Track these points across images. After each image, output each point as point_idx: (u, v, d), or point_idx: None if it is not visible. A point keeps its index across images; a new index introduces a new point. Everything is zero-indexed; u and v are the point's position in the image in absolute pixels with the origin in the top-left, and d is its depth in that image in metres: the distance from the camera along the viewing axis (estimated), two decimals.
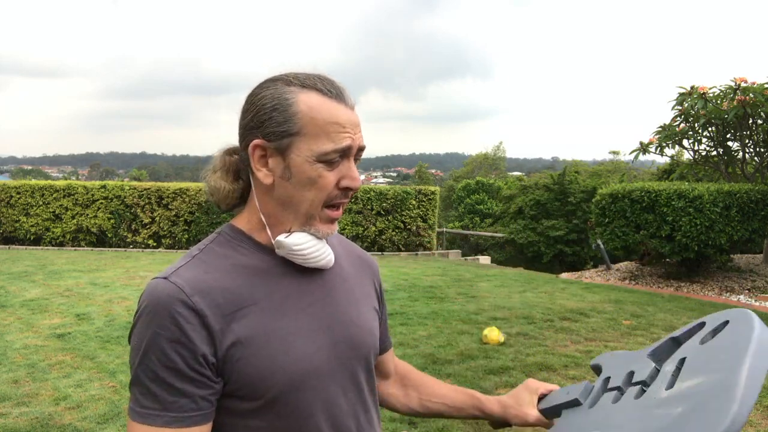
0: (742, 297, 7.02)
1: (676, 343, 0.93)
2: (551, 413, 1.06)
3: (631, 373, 0.94)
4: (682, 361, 0.85)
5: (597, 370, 1.06)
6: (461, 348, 4.72)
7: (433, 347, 4.75)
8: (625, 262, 9.61)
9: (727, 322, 0.85)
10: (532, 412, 1.10)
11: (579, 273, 9.50)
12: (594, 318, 5.73)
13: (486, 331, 4.96)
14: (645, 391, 0.86)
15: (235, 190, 0.97)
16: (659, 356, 0.94)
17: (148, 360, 0.82)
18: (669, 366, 0.87)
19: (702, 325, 0.90)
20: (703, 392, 0.74)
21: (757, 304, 6.67)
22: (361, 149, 0.93)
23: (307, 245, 0.91)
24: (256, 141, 0.90)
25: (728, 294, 7.17)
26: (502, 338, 4.90)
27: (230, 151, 0.98)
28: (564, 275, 9.25)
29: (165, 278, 0.85)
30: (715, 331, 0.86)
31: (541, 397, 1.12)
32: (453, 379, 4.01)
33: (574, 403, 1.01)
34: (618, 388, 0.93)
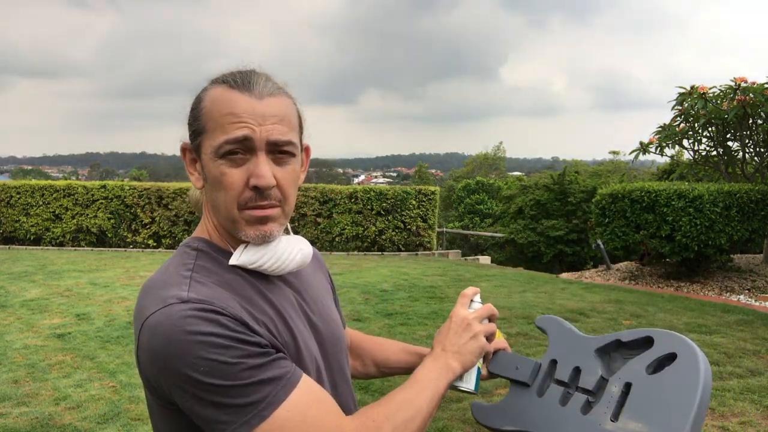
0: (742, 297, 7.01)
1: (622, 347, 0.94)
2: (497, 376, 1.08)
3: (578, 370, 0.95)
4: (628, 386, 0.86)
5: (542, 331, 1.09)
6: None
7: None
8: (625, 262, 9.61)
9: (674, 356, 0.85)
10: None
11: (579, 273, 9.51)
12: (594, 318, 5.73)
13: None
14: (591, 406, 0.89)
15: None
16: (605, 359, 0.95)
17: (223, 365, 0.73)
18: (615, 387, 0.88)
19: (650, 341, 0.90)
20: None
21: (757, 304, 6.67)
22: (276, 143, 0.82)
23: (263, 260, 0.85)
24: (183, 143, 0.87)
25: (728, 294, 7.17)
26: (502, 338, 4.89)
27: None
28: (564, 275, 9.25)
29: (180, 302, 0.76)
30: (661, 363, 0.86)
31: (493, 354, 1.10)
32: None
33: (523, 384, 1.01)
34: (566, 385, 0.95)
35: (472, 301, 1.05)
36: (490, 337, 1.04)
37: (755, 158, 8.77)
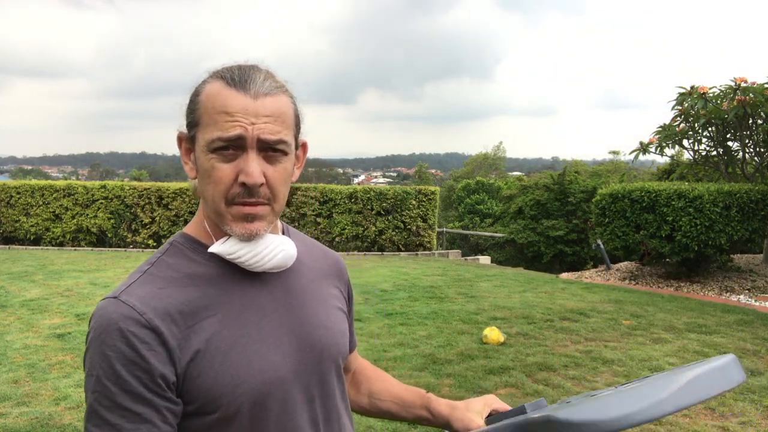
0: (742, 297, 7.01)
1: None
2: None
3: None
4: None
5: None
6: (461, 348, 4.72)
7: (433, 347, 4.75)
8: (625, 262, 9.61)
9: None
10: (477, 420, 0.99)
11: (579, 273, 9.50)
12: (594, 318, 5.73)
13: (486, 331, 4.96)
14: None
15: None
16: None
17: (102, 387, 0.76)
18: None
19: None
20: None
21: (757, 304, 6.67)
22: (267, 142, 0.82)
23: (240, 252, 0.85)
24: (179, 132, 0.89)
25: (728, 294, 7.17)
26: (502, 338, 4.90)
27: None
28: (564, 275, 9.25)
29: (115, 298, 0.80)
30: None
31: (494, 414, 1.04)
32: (453, 379, 4.02)
33: (520, 411, 0.95)
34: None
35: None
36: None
37: (755, 158, 8.77)
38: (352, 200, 11.75)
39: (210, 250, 0.86)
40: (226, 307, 0.84)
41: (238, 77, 0.83)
